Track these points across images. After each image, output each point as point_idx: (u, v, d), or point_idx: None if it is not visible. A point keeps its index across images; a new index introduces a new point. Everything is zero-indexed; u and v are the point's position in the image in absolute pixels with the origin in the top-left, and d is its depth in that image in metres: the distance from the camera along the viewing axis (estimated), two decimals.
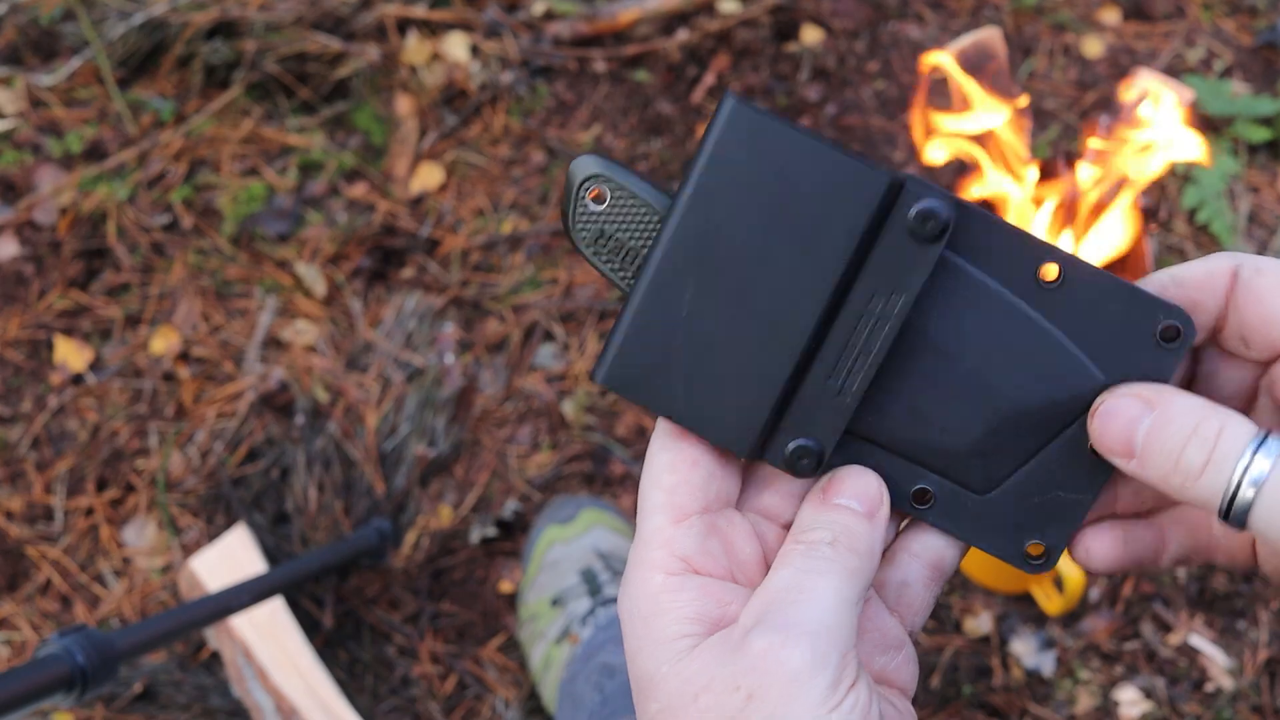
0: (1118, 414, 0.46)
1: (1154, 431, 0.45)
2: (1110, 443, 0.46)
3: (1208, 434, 0.44)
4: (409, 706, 1.29)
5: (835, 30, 1.81)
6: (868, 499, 0.48)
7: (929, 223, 0.45)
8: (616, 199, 0.48)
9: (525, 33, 1.78)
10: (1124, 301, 0.47)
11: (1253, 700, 1.28)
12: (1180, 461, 0.44)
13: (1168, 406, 0.45)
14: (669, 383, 0.47)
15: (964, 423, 0.49)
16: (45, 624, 1.34)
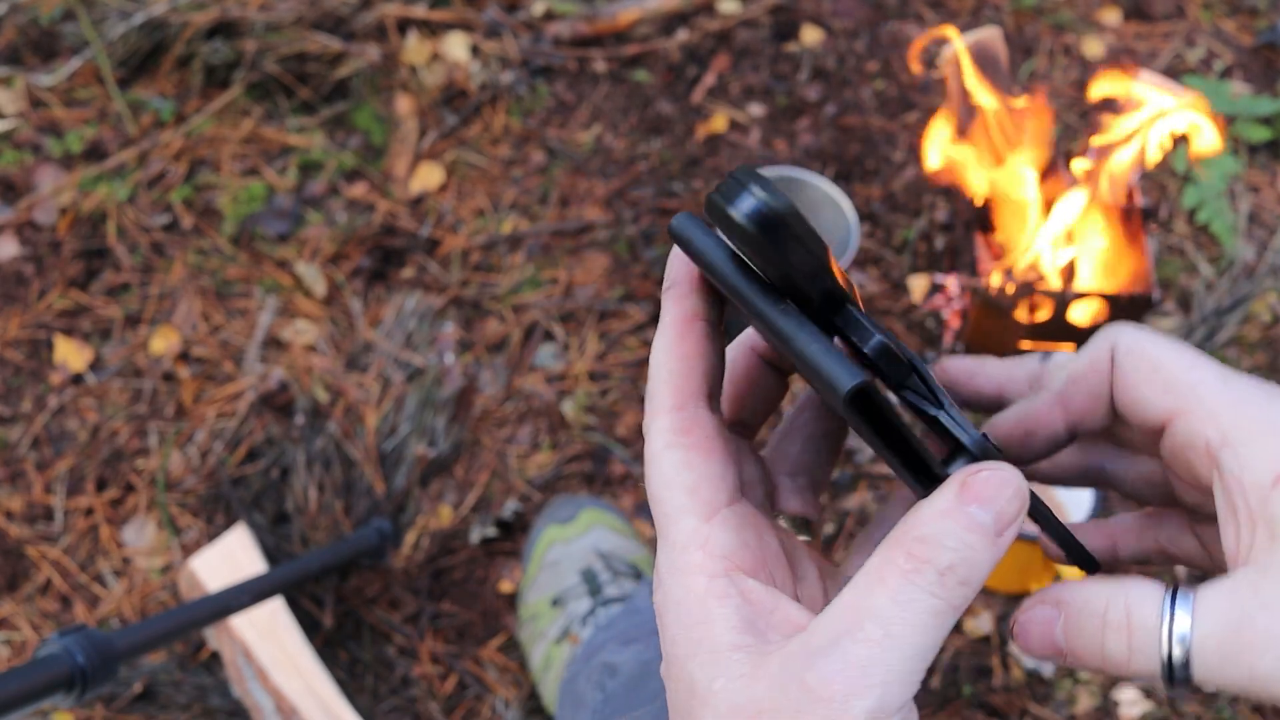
0: (1031, 624, 0.44)
1: (1069, 633, 0.44)
2: (1039, 651, 0.45)
3: (1118, 620, 0.42)
4: (409, 706, 1.29)
5: (835, 30, 1.81)
6: (1004, 515, 0.40)
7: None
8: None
9: (525, 33, 1.78)
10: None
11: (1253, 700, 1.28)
12: (1107, 655, 0.43)
13: (1071, 604, 0.44)
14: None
15: None
16: (45, 624, 1.34)
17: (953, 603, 0.39)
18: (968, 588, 0.40)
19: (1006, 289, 1.33)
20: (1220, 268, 1.58)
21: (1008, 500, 0.40)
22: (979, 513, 0.40)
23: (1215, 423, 0.43)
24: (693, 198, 1.63)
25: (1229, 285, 1.55)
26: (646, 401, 0.45)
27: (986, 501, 0.40)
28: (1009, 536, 0.40)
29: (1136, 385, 0.46)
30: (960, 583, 0.39)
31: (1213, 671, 0.41)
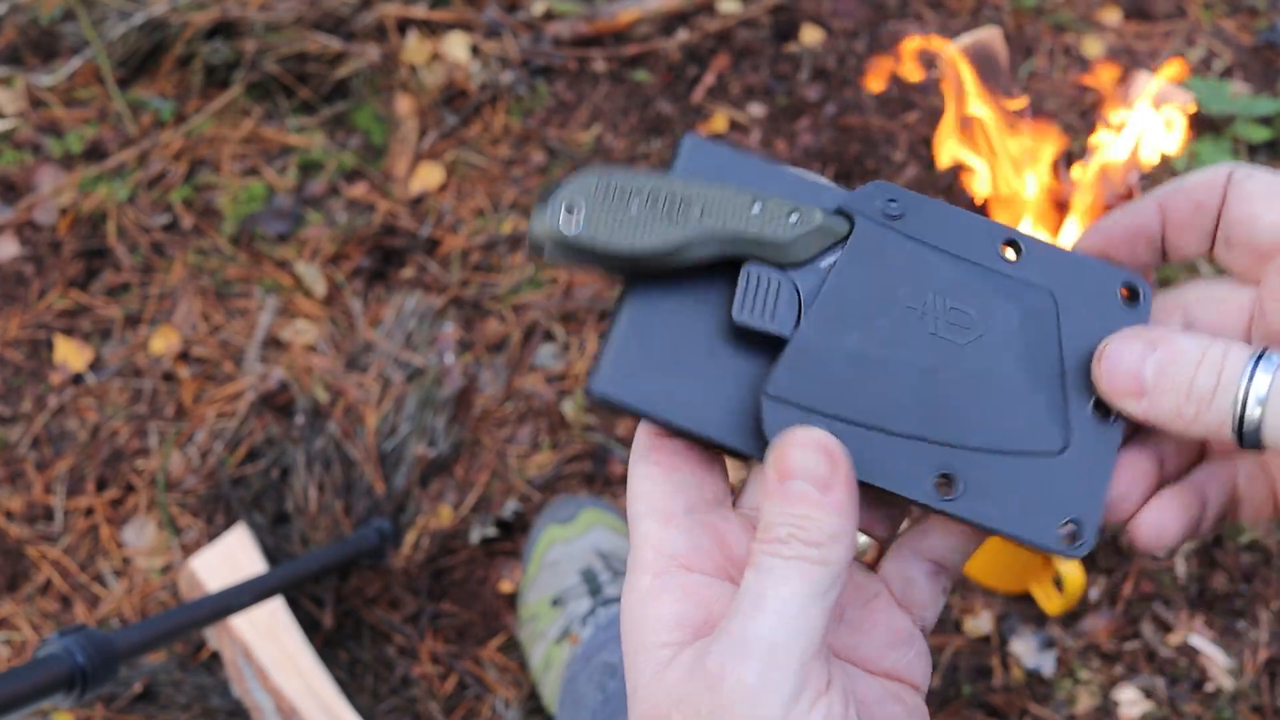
0: (1123, 354, 0.46)
1: (1163, 366, 0.45)
2: (1119, 385, 0.46)
3: (1214, 359, 0.44)
4: (409, 706, 1.29)
5: (835, 30, 1.81)
6: (818, 475, 0.44)
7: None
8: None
9: (525, 33, 1.78)
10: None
11: (1253, 700, 1.28)
12: (1192, 390, 0.45)
13: (1171, 341, 0.46)
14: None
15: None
16: (45, 624, 1.34)
17: (806, 560, 0.42)
18: (817, 547, 0.42)
19: None
20: (1220, 267, 1.58)
21: (816, 463, 0.43)
22: (796, 485, 0.43)
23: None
24: None
25: None
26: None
27: (798, 473, 0.43)
28: (839, 489, 0.43)
29: (1254, 203, 0.47)
30: (806, 543, 0.42)
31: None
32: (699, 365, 0.48)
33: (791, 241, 0.48)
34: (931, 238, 0.49)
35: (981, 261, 0.50)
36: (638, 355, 0.48)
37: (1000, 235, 0.50)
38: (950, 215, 0.50)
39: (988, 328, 0.49)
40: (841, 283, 0.48)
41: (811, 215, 0.48)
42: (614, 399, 0.47)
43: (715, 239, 0.47)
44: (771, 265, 0.48)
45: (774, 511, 0.44)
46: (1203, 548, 1.37)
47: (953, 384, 0.48)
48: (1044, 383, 0.49)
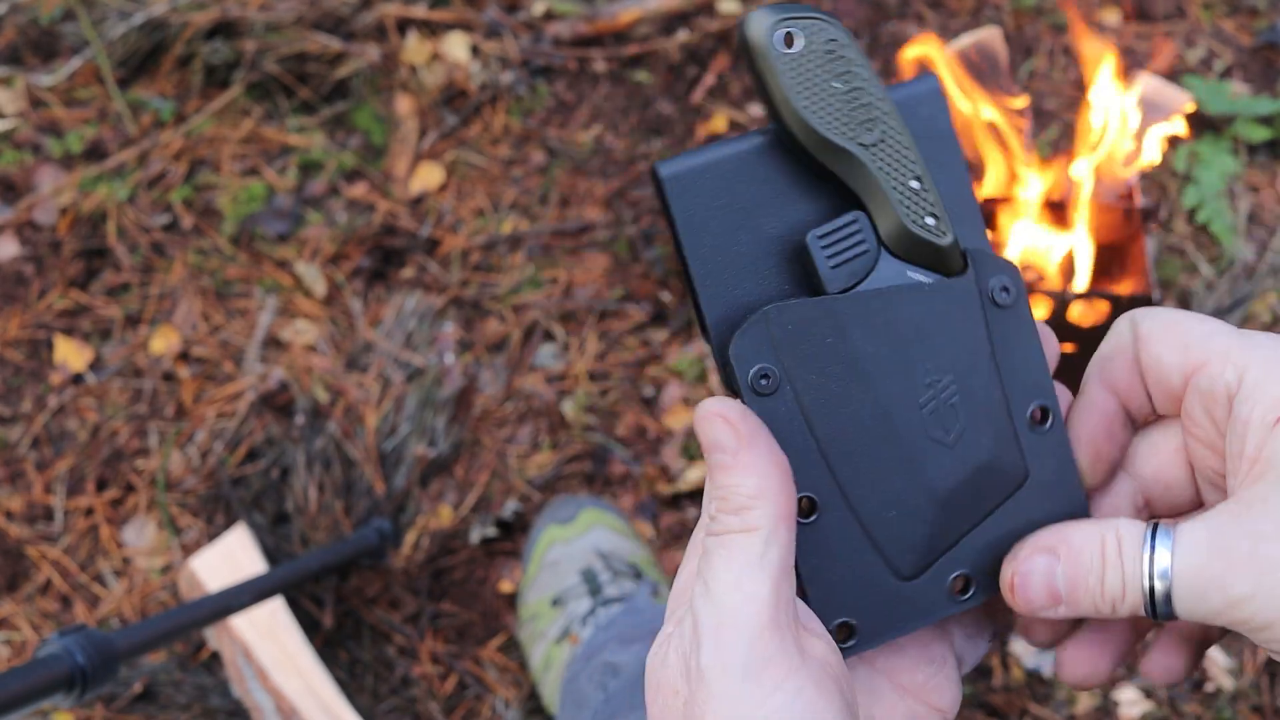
0: (1031, 574, 0.47)
1: (1070, 574, 0.46)
2: (1036, 603, 0.46)
3: (1111, 554, 0.45)
4: (409, 706, 1.29)
5: None
6: (725, 442, 0.44)
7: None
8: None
9: (525, 33, 1.78)
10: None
11: (1253, 700, 1.28)
12: (1104, 591, 0.45)
13: (1068, 543, 0.46)
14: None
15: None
16: (45, 624, 1.34)
17: (733, 530, 0.43)
18: (739, 515, 0.44)
19: None
20: (1220, 267, 1.58)
21: (720, 431, 0.44)
22: (712, 458, 0.45)
23: (1233, 366, 0.45)
24: None
25: (1229, 285, 1.55)
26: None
27: (709, 446, 0.45)
28: (747, 450, 0.44)
29: (1157, 348, 0.47)
30: (730, 513, 0.44)
31: (1192, 602, 0.43)
32: (747, 241, 0.47)
33: (909, 235, 0.47)
34: (1000, 338, 0.48)
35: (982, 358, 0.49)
36: (711, 188, 0.47)
37: (1037, 396, 0.49)
38: (1027, 333, 0.49)
39: (967, 417, 0.48)
40: (903, 301, 0.47)
41: (945, 232, 0.47)
42: (666, 191, 0.47)
43: (865, 175, 0.46)
44: (875, 230, 0.47)
45: (708, 489, 0.45)
46: None
47: (942, 484, 0.48)
48: (1000, 422, 0.49)
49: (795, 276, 0.47)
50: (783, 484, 0.44)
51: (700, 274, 0.47)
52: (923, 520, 0.48)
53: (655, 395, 1.48)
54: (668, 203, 0.47)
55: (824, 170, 0.47)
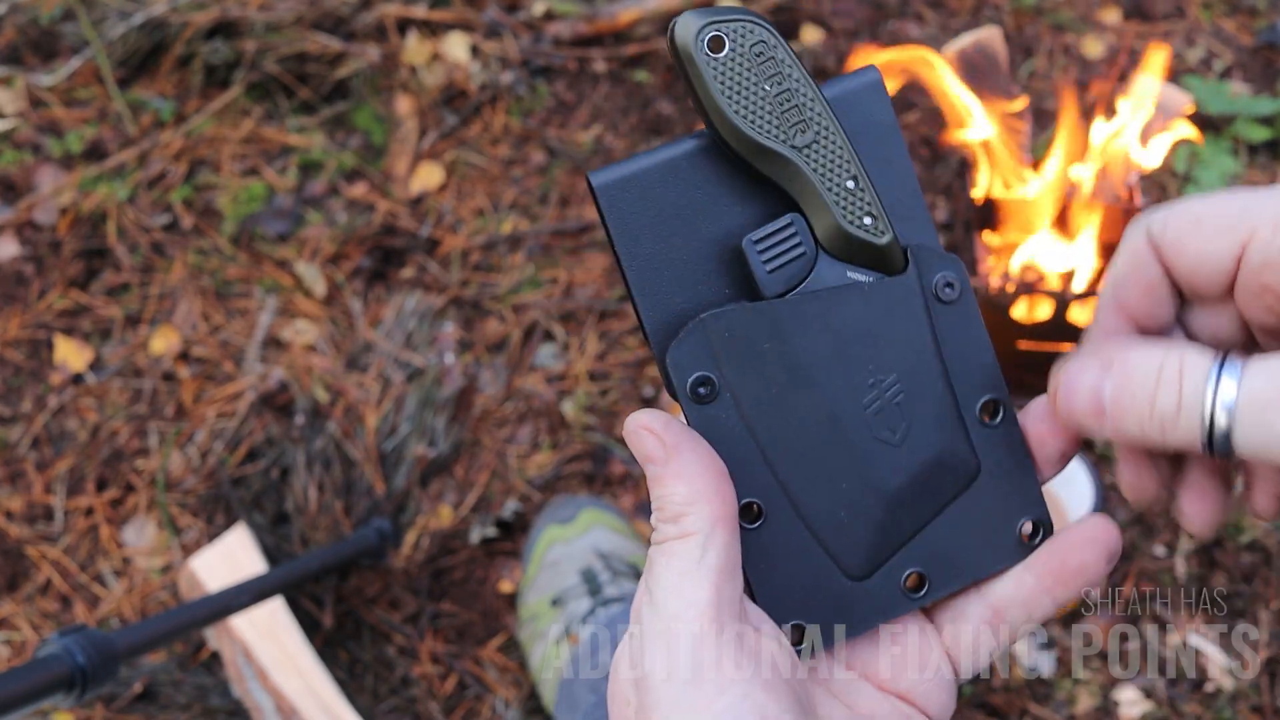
0: (1079, 383, 0.45)
1: (1119, 389, 0.44)
2: (1078, 414, 0.45)
3: (1171, 376, 0.43)
4: (409, 706, 1.29)
5: (835, 30, 1.81)
6: (654, 452, 0.45)
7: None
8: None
9: (525, 33, 1.78)
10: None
11: (1253, 700, 1.28)
12: (1155, 411, 0.43)
13: (1126, 361, 0.44)
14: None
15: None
16: (45, 624, 1.34)
17: (670, 537, 0.43)
18: (675, 522, 0.44)
19: (1006, 288, 1.33)
20: None
21: (647, 443, 0.45)
22: (647, 470, 0.45)
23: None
24: None
25: None
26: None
27: (641, 457, 0.45)
28: (676, 458, 0.44)
29: (1194, 243, 0.45)
30: (666, 520, 0.44)
31: (1252, 434, 0.41)
32: (683, 247, 0.47)
33: (846, 236, 0.47)
34: (945, 334, 0.48)
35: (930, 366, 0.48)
36: (645, 195, 0.47)
37: (986, 390, 0.49)
38: (974, 328, 0.49)
39: (913, 415, 0.48)
40: (843, 302, 0.47)
41: (884, 231, 0.47)
42: (599, 200, 0.47)
43: (800, 177, 0.46)
44: (811, 232, 0.47)
45: (651, 503, 0.46)
46: (1203, 548, 1.37)
47: (890, 483, 0.48)
48: (947, 418, 0.48)
49: (734, 281, 0.47)
50: (716, 487, 0.44)
51: (638, 282, 0.47)
52: (872, 520, 0.48)
53: (655, 395, 1.48)
54: (602, 212, 0.47)
55: (758, 174, 0.47)
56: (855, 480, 0.47)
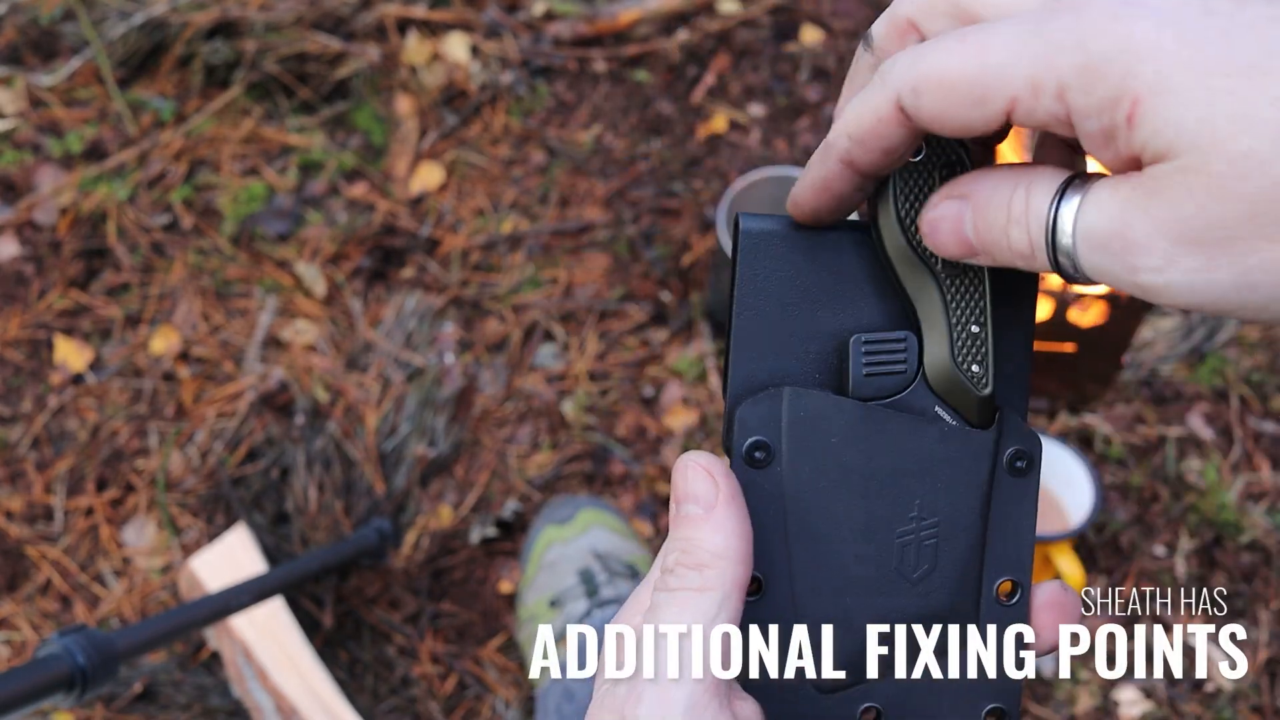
0: (941, 219, 0.43)
1: (978, 224, 0.42)
2: (951, 251, 0.44)
3: (1018, 209, 0.41)
4: (409, 706, 1.29)
5: (835, 30, 1.81)
6: (701, 495, 0.44)
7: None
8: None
9: (525, 33, 1.78)
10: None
11: (1253, 700, 1.28)
12: (1011, 247, 0.42)
13: (977, 194, 0.42)
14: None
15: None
16: (45, 624, 1.34)
17: (691, 587, 0.43)
18: (699, 570, 0.43)
19: None
20: None
21: (701, 484, 0.44)
22: (685, 508, 0.44)
23: (1041, 96, 0.38)
24: (693, 198, 1.63)
25: None
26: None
27: (685, 496, 0.44)
28: (722, 508, 0.44)
29: (953, 115, 0.40)
30: (690, 567, 0.43)
31: (1098, 268, 0.39)
32: (797, 319, 0.48)
33: (950, 374, 0.47)
34: (999, 501, 0.48)
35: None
36: (784, 257, 0.47)
37: (1013, 570, 0.49)
38: (1029, 507, 0.49)
39: (938, 562, 0.48)
40: (920, 433, 0.47)
41: (986, 385, 0.47)
42: (740, 244, 0.47)
43: (933, 301, 0.46)
44: (920, 356, 0.47)
45: (669, 540, 0.45)
46: (1203, 548, 1.37)
47: (888, 617, 0.48)
48: (968, 580, 0.49)
49: (828, 370, 0.48)
50: (745, 553, 0.44)
51: (741, 332, 0.47)
52: (856, 642, 0.48)
53: (655, 395, 1.48)
54: (737, 255, 0.47)
55: (894, 282, 0.47)
56: (859, 598, 0.47)
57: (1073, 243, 0.39)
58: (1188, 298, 0.38)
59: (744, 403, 0.47)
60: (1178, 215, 0.37)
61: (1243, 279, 0.36)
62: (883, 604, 0.47)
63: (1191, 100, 0.36)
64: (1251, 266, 0.36)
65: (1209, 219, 0.36)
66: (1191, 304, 0.38)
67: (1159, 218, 0.37)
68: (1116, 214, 0.38)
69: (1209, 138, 0.36)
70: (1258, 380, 1.49)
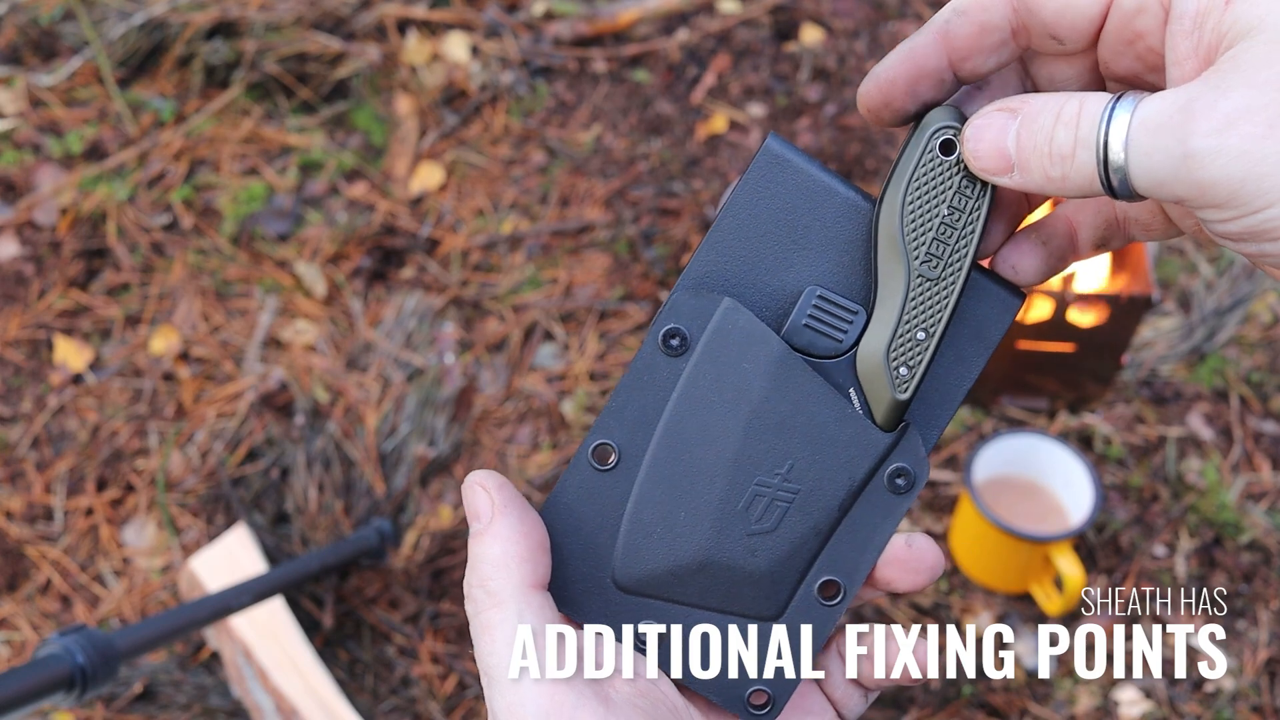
0: (987, 127, 0.44)
1: (1023, 132, 0.43)
2: (986, 161, 0.44)
3: (1069, 116, 0.42)
4: (409, 706, 1.29)
5: (835, 30, 1.81)
6: (480, 511, 0.46)
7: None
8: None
9: (525, 33, 1.78)
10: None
11: (1253, 700, 1.28)
12: (1052, 150, 0.42)
13: (1029, 104, 0.43)
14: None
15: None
16: (45, 624, 1.34)
17: (482, 605, 0.44)
18: (483, 586, 0.44)
19: None
20: (1220, 268, 1.58)
21: (472, 499, 0.46)
22: (470, 526, 0.46)
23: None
24: (693, 198, 1.63)
25: (1229, 285, 1.55)
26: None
27: (469, 517, 0.46)
28: (499, 515, 0.45)
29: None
30: (477, 585, 0.44)
31: (1149, 151, 0.39)
32: (771, 249, 0.48)
33: (878, 365, 0.47)
34: (862, 506, 0.49)
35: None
36: (790, 190, 0.48)
37: (843, 574, 0.49)
38: (888, 527, 0.49)
39: (779, 526, 0.48)
40: (823, 403, 0.47)
41: (906, 391, 0.47)
42: (759, 159, 0.48)
43: (895, 291, 0.47)
44: (860, 336, 0.47)
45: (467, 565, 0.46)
46: (1203, 548, 1.37)
47: (707, 553, 0.48)
48: (796, 562, 0.48)
49: (773, 307, 0.48)
50: (528, 550, 0.45)
51: (718, 233, 0.48)
52: (661, 559, 0.48)
53: None
54: (751, 166, 0.48)
55: (871, 259, 0.48)
56: (693, 517, 0.48)
57: (1125, 140, 0.40)
58: (1239, 167, 0.37)
59: (685, 292, 0.47)
60: (1245, 82, 0.37)
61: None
62: (711, 535, 0.48)
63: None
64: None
65: (1277, 80, 0.37)
66: (1240, 175, 0.37)
67: (1225, 89, 0.38)
68: (1181, 98, 0.39)
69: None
70: (1258, 380, 1.49)
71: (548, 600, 0.45)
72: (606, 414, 0.48)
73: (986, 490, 1.29)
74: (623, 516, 0.48)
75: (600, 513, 0.48)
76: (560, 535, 0.48)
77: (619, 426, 0.47)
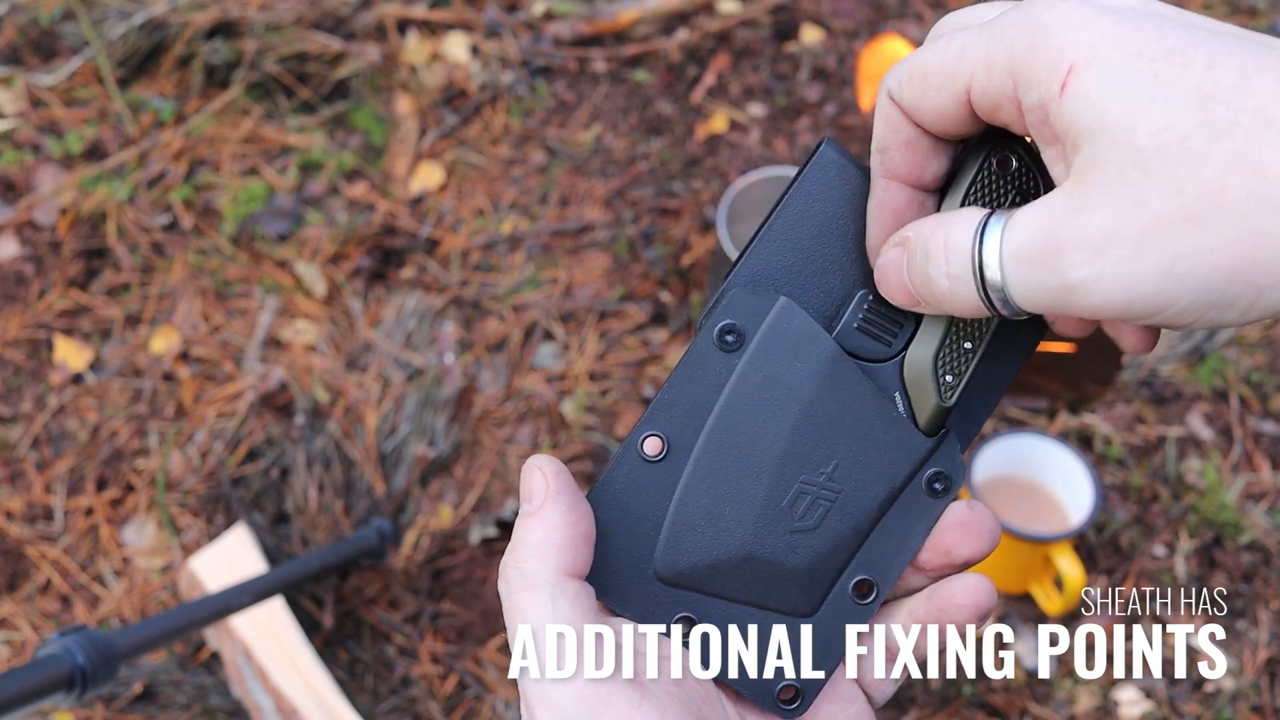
0: (888, 266, 0.45)
1: (909, 270, 0.44)
2: (899, 298, 0.45)
3: (936, 251, 0.42)
4: (409, 706, 1.29)
5: (835, 30, 1.81)
6: (534, 493, 0.47)
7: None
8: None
9: (525, 33, 1.78)
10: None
11: (1253, 700, 1.28)
12: (934, 288, 0.43)
13: (909, 239, 0.44)
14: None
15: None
16: (45, 624, 1.34)
17: (523, 598, 0.45)
18: (524, 567, 0.45)
19: None
20: None
21: (528, 481, 0.47)
22: (521, 507, 0.47)
23: (994, 72, 0.40)
24: (693, 198, 1.63)
25: None
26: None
27: (521, 497, 0.47)
28: (550, 504, 0.46)
29: (927, 100, 0.43)
30: (515, 568, 0.45)
31: (1028, 286, 0.40)
32: (824, 252, 0.49)
33: (925, 371, 0.48)
34: (900, 509, 0.49)
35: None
36: (845, 193, 0.48)
37: (877, 574, 0.50)
38: (924, 527, 0.50)
39: (820, 525, 0.49)
40: (871, 407, 0.48)
41: (950, 399, 0.48)
42: (814, 161, 0.48)
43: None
44: (909, 343, 0.48)
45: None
46: (1203, 548, 1.37)
47: (748, 546, 0.48)
48: (835, 558, 0.49)
49: (825, 308, 0.49)
50: (569, 539, 0.45)
51: (773, 231, 0.49)
52: (704, 552, 0.48)
53: (654, 396, 1.48)
54: (808, 168, 0.48)
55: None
56: (738, 511, 0.48)
57: (1000, 268, 0.40)
58: (1119, 292, 0.38)
59: (740, 289, 0.48)
60: (1105, 201, 0.37)
61: (1168, 270, 0.37)
62: (754, 531, 0.48)
63: (1119, 74, 0.37)
64: (1177, 254, 0.36)
65: (1135, 196, 0.37)
66: (1122, 299, 0.38)
67: (1087, 211, 0.38)
68: (1046, 224, 0.39)
69: (1132, 113, 0.37)
70: (1258, 380, 1.49)
71: (584, 589, 0.45)
72: (657, 406, 0.48)
73: (986, 490, 1.29)
74: (668, 508, 0.48)
75: (645, 504, 0.48)
76: (604, 524, 0.48)
77: (669, 419, 0.48)
